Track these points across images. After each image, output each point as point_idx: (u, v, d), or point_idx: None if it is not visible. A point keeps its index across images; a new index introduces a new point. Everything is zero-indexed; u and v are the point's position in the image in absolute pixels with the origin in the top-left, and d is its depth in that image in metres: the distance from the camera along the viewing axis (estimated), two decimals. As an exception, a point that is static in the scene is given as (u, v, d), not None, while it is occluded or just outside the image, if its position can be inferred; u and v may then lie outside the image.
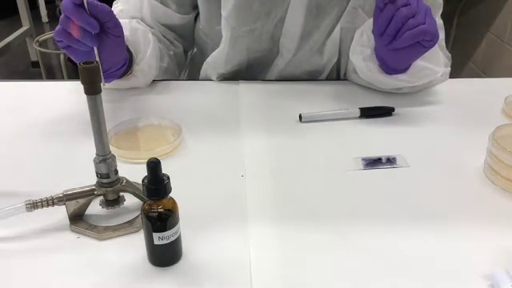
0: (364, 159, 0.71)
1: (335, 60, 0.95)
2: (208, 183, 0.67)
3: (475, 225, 0.59)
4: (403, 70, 0.84)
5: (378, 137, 0.78)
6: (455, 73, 0.96)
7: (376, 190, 0.66)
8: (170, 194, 0.50)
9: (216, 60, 0.95)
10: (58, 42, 0.73)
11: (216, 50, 0.94)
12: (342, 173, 0.69)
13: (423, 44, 0.75)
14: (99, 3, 0.71)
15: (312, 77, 0.98)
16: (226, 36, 0.91)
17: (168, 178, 0.50)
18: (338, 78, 1.00)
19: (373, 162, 0.71)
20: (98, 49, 0.73)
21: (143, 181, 0.49)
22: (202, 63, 0.99)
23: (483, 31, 2.35)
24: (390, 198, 0.64)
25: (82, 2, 0.68)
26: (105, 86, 0.80)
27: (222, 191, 0.65)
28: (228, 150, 0.74)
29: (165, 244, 0.51)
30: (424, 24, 0.73)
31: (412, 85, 0.88)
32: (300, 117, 0.82)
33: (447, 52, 0.94)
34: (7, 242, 0.56)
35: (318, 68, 0.96)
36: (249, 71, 0.96)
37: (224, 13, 0.89)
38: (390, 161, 0.71)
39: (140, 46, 0.87)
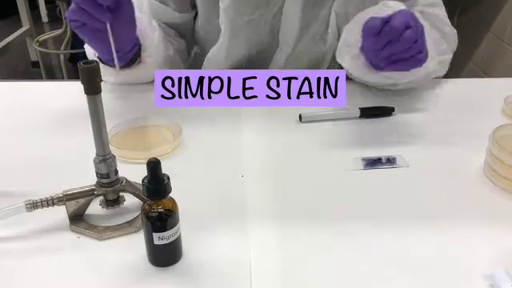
0: (364, 159, 0.71)
1: (335, 47, 0.94)
2: (208, 183, 0.67)
3: (475, 225, 0.59)
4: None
5: (377, 137, 0.78)
6: (455, 73, 0.96)
7: (376, 189, 0.66)
8: (170, 194, 0.50)
9: (216, 55, 0.95)
10: (72, 21, 0.74)
11: (215, 45, 0.94)
12: (342, 173, 0.69)
13: (416, 63, 0.73)
14: None
15: (314, 66, 0.97)
16: (226, 28, 0.91)
17: (168, 178, 0.50)
18: (339, 67, 0.99)
19: (373, 162, 0.71)
20: (112, 25, 0.74)
21: (143, 181, 0.49)
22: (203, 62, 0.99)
23: (483, 31, 2.35)
24: (390, 197, 0.64)
25: None
26: (117, 71, 0.80)
27: (222, 191, 0.65)
28: (228, 150, 0.74)
29: (165, 244, 0.51)
30: (421, 53, 0.71)
31: (406, 80, 0.86)
32: (300, 117, 0.82)
33: (452, 29, 0.91)
34: (7, 242, 0.56)
35: (318, 56, 0.96)
36: (249, 67, 0.96)
37: (222, 5, 0.89)
38: (390, 161, 0.71)
39: (147, 31, 0.87)
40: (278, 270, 0.52)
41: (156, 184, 0.49)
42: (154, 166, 0.48)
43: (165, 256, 0.52)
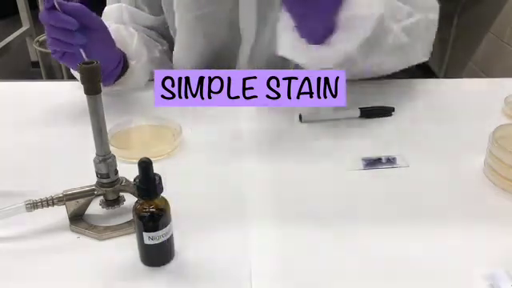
0: (364, 159, 0.71)
1: None
2: (208, 183, 0.66)
3: (475, 225, 0.59)
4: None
5: (378, 137, 0.78)
6: (455, 73, 0.96)
7: (376, 190, 0.66)
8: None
9: (177, 53, 0.96)
10: (53, 54, 0.77)
11: (175, 44, 0.95)
12: (342, 173, 0.69)
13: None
14: (69, 3, 0.73)
15: (281, 60, 0.93)
16: (179, 26, 0.91)
17: (160, 178, 0.50)
18: None
19: (373, 162, 0.71)
20: (87, 48, 0.75)
21: (135, 180, 0.49)
22: None
23: (483, 31, 2.34)
24: (390, 197, 0.64)
25: (54, 6, 0.71)
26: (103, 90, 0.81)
27: (222, 191, 0.65)
28: (227, 150, 0.74)
29: (155, 244, 0.51)
30: None
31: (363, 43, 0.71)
32: (300, 117, 0.82)
33: None
34: (7, 242, 0.56)
35: None
36: (216, 64, 0.95)
37: (175, 3, 0.90)
38: (390, 161, 0.71)
39: (126, 40, 0.89)
40: (278, 270, 0.52)
41: (147, 184, 0.49)
42: (145, 165, 0.48)
43: (155, 256, 0.52)
